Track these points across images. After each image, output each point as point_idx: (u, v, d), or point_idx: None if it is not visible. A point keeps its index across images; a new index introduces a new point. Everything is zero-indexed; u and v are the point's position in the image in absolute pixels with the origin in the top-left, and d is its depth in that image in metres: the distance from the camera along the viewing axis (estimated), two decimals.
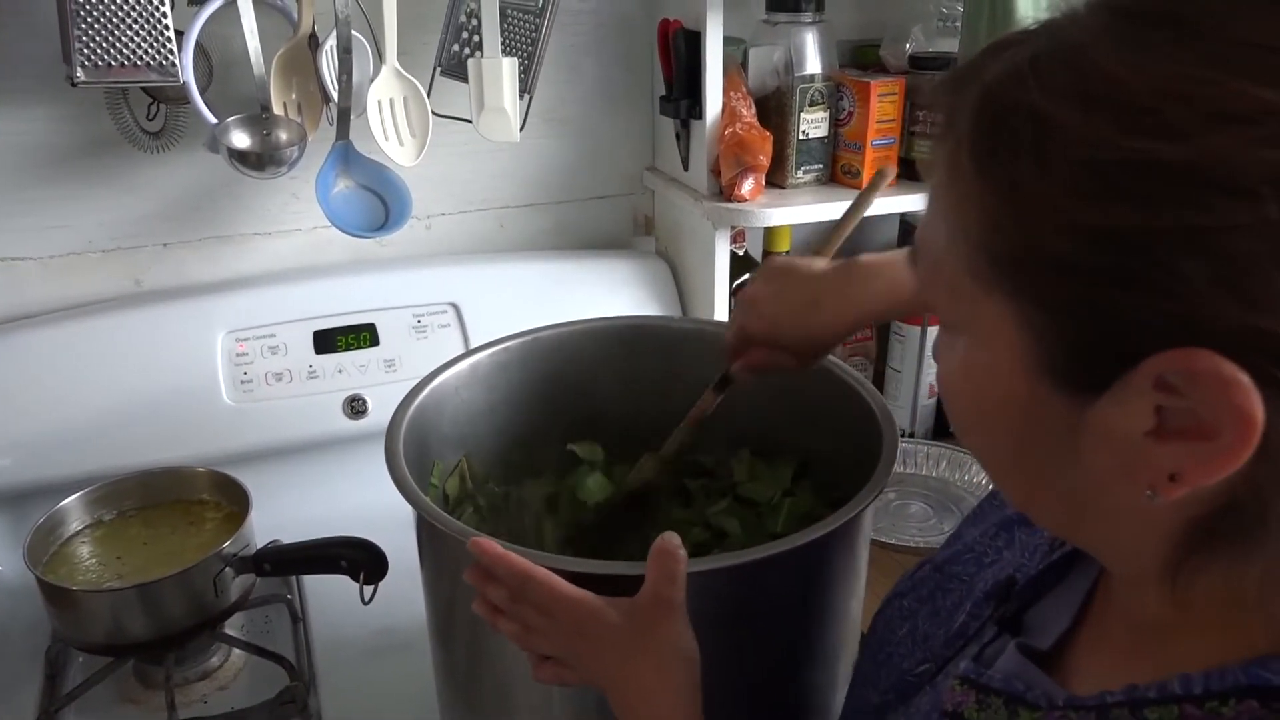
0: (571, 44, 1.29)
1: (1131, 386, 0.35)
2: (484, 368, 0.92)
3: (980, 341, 0.41)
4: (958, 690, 0.49)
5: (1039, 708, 0.45)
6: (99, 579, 0.93)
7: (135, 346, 1.14)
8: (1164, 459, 0.36)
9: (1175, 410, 0.35)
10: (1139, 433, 0.36)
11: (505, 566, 0.63)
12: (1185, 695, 0.38)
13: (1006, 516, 0.62)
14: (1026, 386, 0.39)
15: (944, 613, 0.60)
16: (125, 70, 0.97)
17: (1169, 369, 0.34)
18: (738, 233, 1.33)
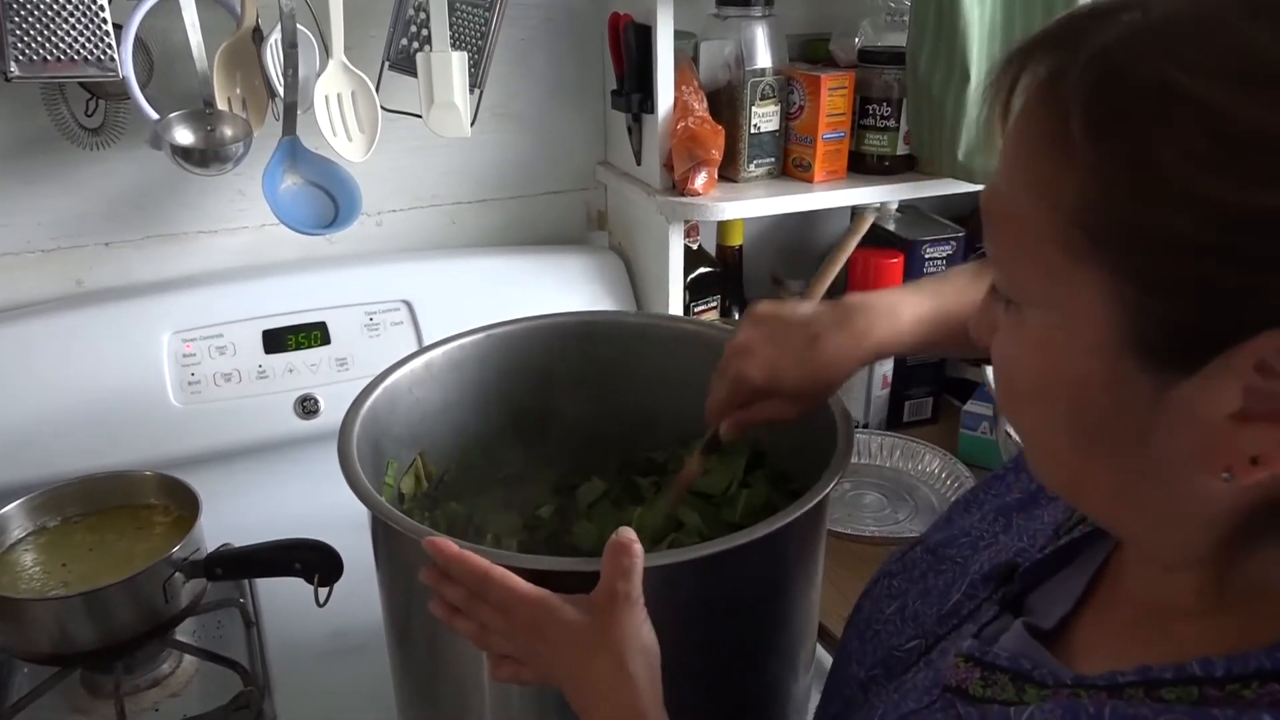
0: (521, 38, 1.29)
1: (1230, 367, 0.35)
2: (438, 365, 0.91)
3: (1059, 315, 0.40)
4: (961, 667, 0.49)
5: (1046, 685, 0.45)
6: (43, 587, 0.91)
7: (78, 348, 1.12)
8: (1247, 441, 0.36)
9: (1264, 393, 0.35)
10: (1223, 414, 0.36)
11: (462, 566, 0.62)
12: (1206, 677, 0.38)
13: (1005, 503, 0.62)
14: (1106, 363, 0.38)
15: (935, 593, 0.60)
16: (62, 65, 0.94)
17: (1275, 350, 0.34)
18: (691, 226, 1.33)
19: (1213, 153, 0.33)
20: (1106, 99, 0.36)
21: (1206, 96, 0.33)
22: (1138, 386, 0.38)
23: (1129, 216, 0.36)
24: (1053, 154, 0.38)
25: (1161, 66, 0.35)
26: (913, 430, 1.41)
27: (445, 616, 0.65)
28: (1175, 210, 0.34)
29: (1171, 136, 0.34)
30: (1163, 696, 0.39)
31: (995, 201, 0.42)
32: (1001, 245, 0.43)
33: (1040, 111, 0.39)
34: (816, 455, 0.74)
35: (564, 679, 0.63)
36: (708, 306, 1.38)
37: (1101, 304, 0.37)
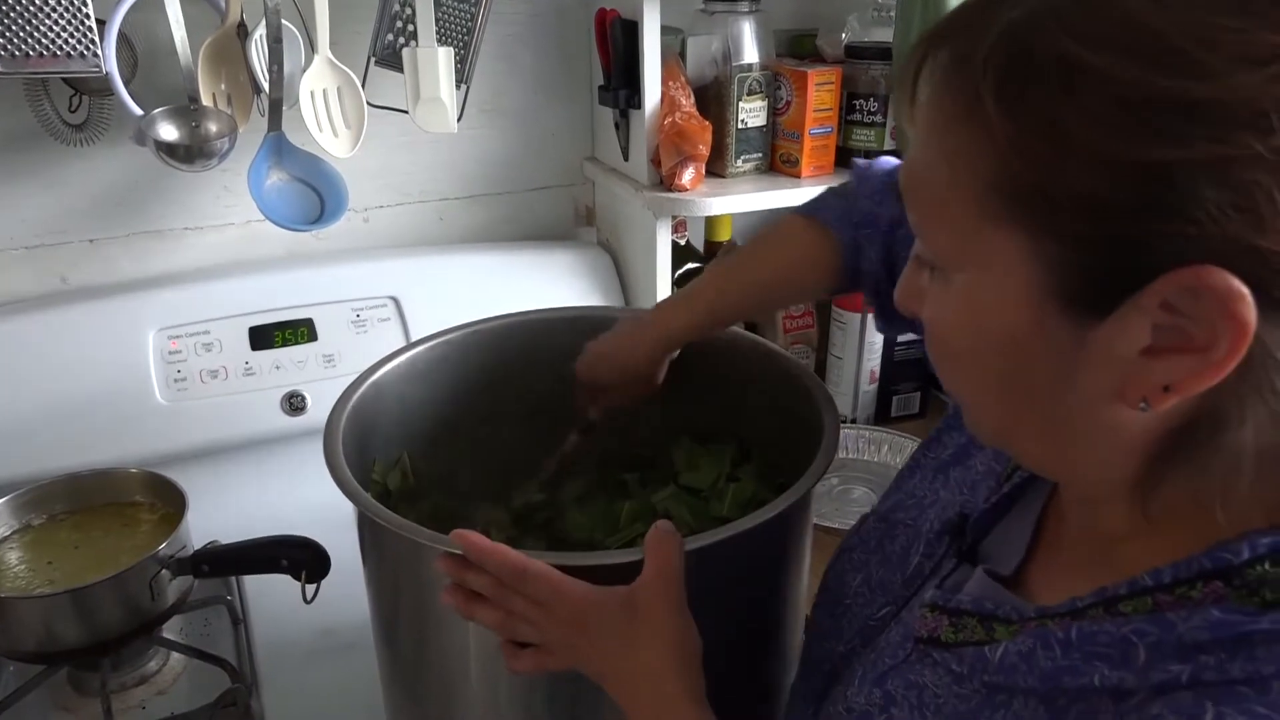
0: (508, 34, 1.28)
1: (1139, 306, 0.38)
2: (424, 361, 0.91)
3: (984, 275, 0.43)
4: (929, 617, 0.52)
5: (1013, 621, 0.48)
6: (29, 585, 0.90)
7: (63, 346, 1.11)
8: (1159, 373, 0.39)
9: (1168, 328, 0.38)
10: (1135, 350, 0.39)
11: (498, 559, 0.62)
12: (1156, 585, 0.42)
13: (941, 460, 0.65)
14: (1030, 315, 0.41)
15: (895, 558, 0.62)
16: (45, 60, 0.94)
17: (1177, 287, 0.37)
18: (679, 222, 1.33)
19: (1112, 116, 0.37)
20: (1015, 74, 0.39)
21: (1102, 66, 0.37)
22: (1060, 333, 0.41)
23: (1043, 180, 0.39)
24: (967, 128, 0.41)
25: (1062, 41, 0.38)
26: (900, 425, 1.41)
27: (462, 605, 0.65)
28: (1084, 170, 0.37)
29: (1075, 104, 0.37)
30: (1120, 610, 0.43)
31: (913, 176, 0.46)
32: (923, 216, 0.46)
33: (951, 90, 0.42)
34: (806, 449, 0.75)
35: (605, 671, 0.63)
36: None
37: (1021, 261, 0.41)
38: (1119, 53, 0.37)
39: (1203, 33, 0.36)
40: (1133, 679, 0.41)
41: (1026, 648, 0.45)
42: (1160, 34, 0.36)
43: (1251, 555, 0.40)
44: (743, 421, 0.93)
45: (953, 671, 0.49)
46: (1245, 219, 0.35)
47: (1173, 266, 0.37)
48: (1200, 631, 0.39)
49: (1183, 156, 0.35)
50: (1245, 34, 0.35)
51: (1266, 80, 0.35)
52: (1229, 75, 0.35)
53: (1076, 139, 0.37)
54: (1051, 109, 0.38)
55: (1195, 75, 0.35)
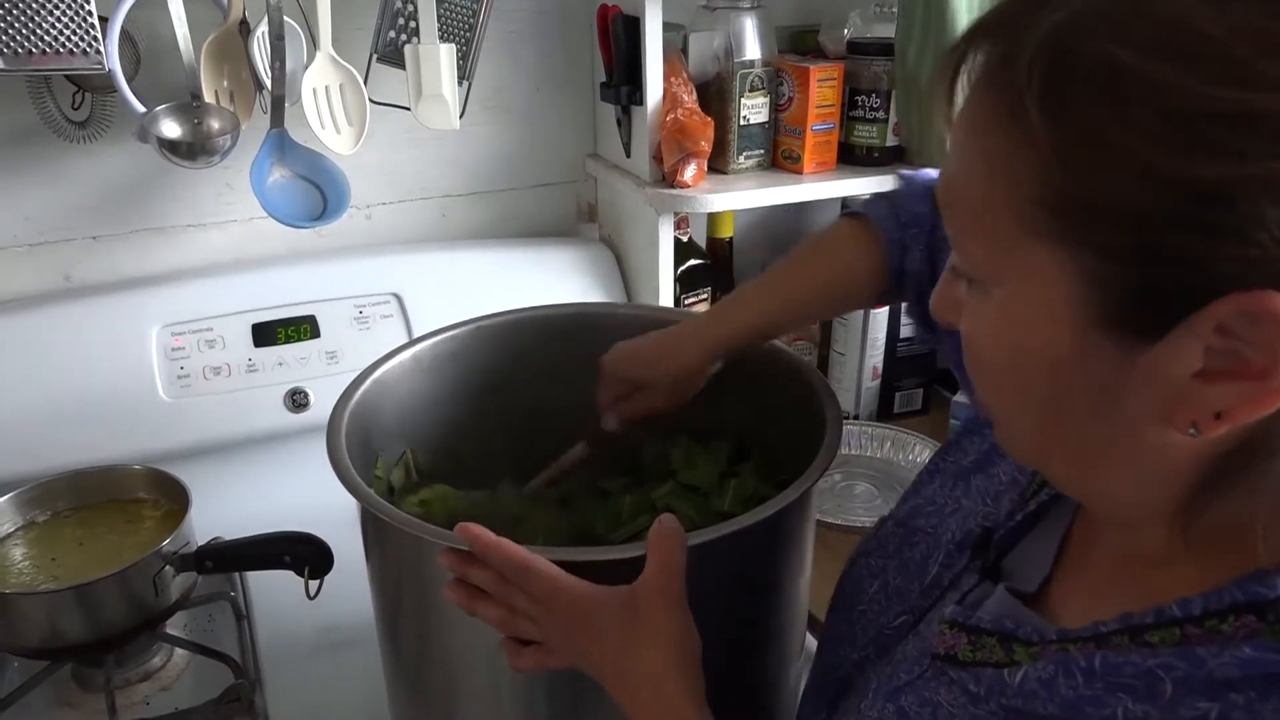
0: (510, 30, 1.28)
1: (1192, 331, 0.36)
2: (427, 358, 0.91)
3: (1024, 291, 0.41)
4: (948, 634, 0.50)
5: (1033, 643, 0.46)
6: (33, 581, 0.90)
7: (66, 343, 1.11)
8: (1212, 398, 0.37)
9: (1225, 351, 0.36)
10: (1187, 374, 0.37)
11: (501, 554, 0.62)
12: (1186, 617, 0.40)
13: (962, 467, 0.63)
14: (1073, 334, 0.39)
15: (913, 565, 0.61)
16: (47, 58, 0.94)
17: (1236, 311, 0.35)
18: (681, 218, 1.33)
19: (1163, 128, 0.34)
20: (1059, 80, 0.37)
21: (1152, 74, 0.35)
22: (1104, 354, 0.39)
23: (1088, 193, 0.37)
24: (1008, 136, 0.39)
25: (1109, 47, 0.35)
26: (903, 421, 1.41)
27: (464, 601, 0.65)
28: (1131, 185, 0.35)
29: (1123, 114, 0.35)
30: (1147, 640, 0.41)
31: (951, 185, 0.44)
32: (961, 226, 0.44)
33: (992, 95, 0.40)
34: (808, 446, 0.75)
35: (606, 668, 0.62)
36: (698, 299, 1.38)
37: (1064, 278, 0.38)
38: (1171, 60, 0.34)
39: (1263, 38, 0.33)
40: (1158, 714, 0.39)
41: (1048, 674, 0.43)
42: (1216, 40, 0.34)
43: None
44: (743, 419, 0.93)
45: (969, 692, 0.48)
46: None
47: (1230, 290, 0.35)
48: (1230, 668, 0.38)
49: (1241, 173, 0.33)
50: None
51: None
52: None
53: (1124, 152, 0.35)
54: (1098, 118, 0.36)
55: (1254, 85, 0.33)
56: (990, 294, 0.43)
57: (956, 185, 0.43)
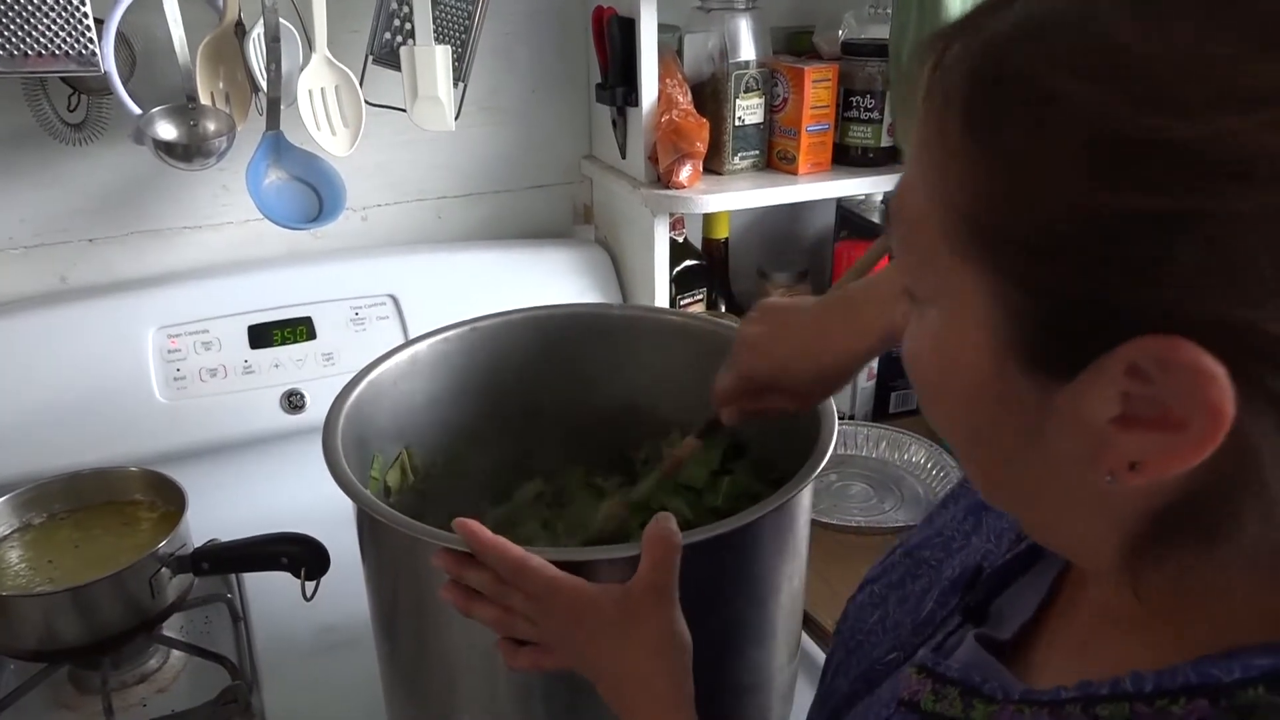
0: (505, 32, 1.29)
1: (1104, 371, 0.34)
2: (423, 359, 0.91)
3: (950, 314, 0.39)
4: (914, 679, 0.48)
5: (995, 700, 0.44)
6: (29, 584, 0.90)
7: (63, 345, 1.11)
8: (1127, 447, 0.35)
9: (1142, 398, 0.33)
10: (1104, 419, 0.35)
11: (497, 553, 0.62)
12: (1137, 693, 0.37)
13: (976, 500, 0.60)
14: (994, 364, 0.37)
15: (912, 600, 0.59)
16: (43, 60, 0.94)
17: (1145, 355, 0.32)
18: (676, 219, 1.33)
19: (1082, 154, 0.32)
20: (985, 98, 0.35)
21: (1077, 97, 0.32)
22: (1024, 388, 0.37)
23: (1008, 218, 0.35)
24: (941, 150, 0.37)
25: (1037, 65, 0.34)
26: (899, 421, 1.41)
27: (460, 602, 0.65)
28: (1051, 213, 0.33)
29: (1044, 139, 0.33)
30: (1098, 714, 0.38)
31: (898, 194, 0.41)
32: (901, 240, 0.42)
33: (930, 105, 0.38)
34: (801, 445, 0.75)
35: (598, 668, 0.62)
36: (694, 299, 1.39)
37: (984, 303, 0.36)
38: (1096, 81, 0.32)
39: (1192, 62, 0.31)
40: None
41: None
42: (1143, 61, 0.31)
43: (1243, 676, 0.35)
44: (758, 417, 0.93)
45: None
46: (1226, 287, 0.31)
47: (1140, 332, 0.32)
48: None
49: (1156, 206, 0.31)
50: (1242, 63, 0.30)
51: (1261, 125, 0.30)
52: (1217, 115, 0.30)
53: (1042, 177, 0.33)
54: (1018, 141, 0.34)
55: (1177, 113, 0.30)
56: (925, 313, 0.41)
57: (902, 194, 0.41)
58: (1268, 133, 0.30)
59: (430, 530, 0.66)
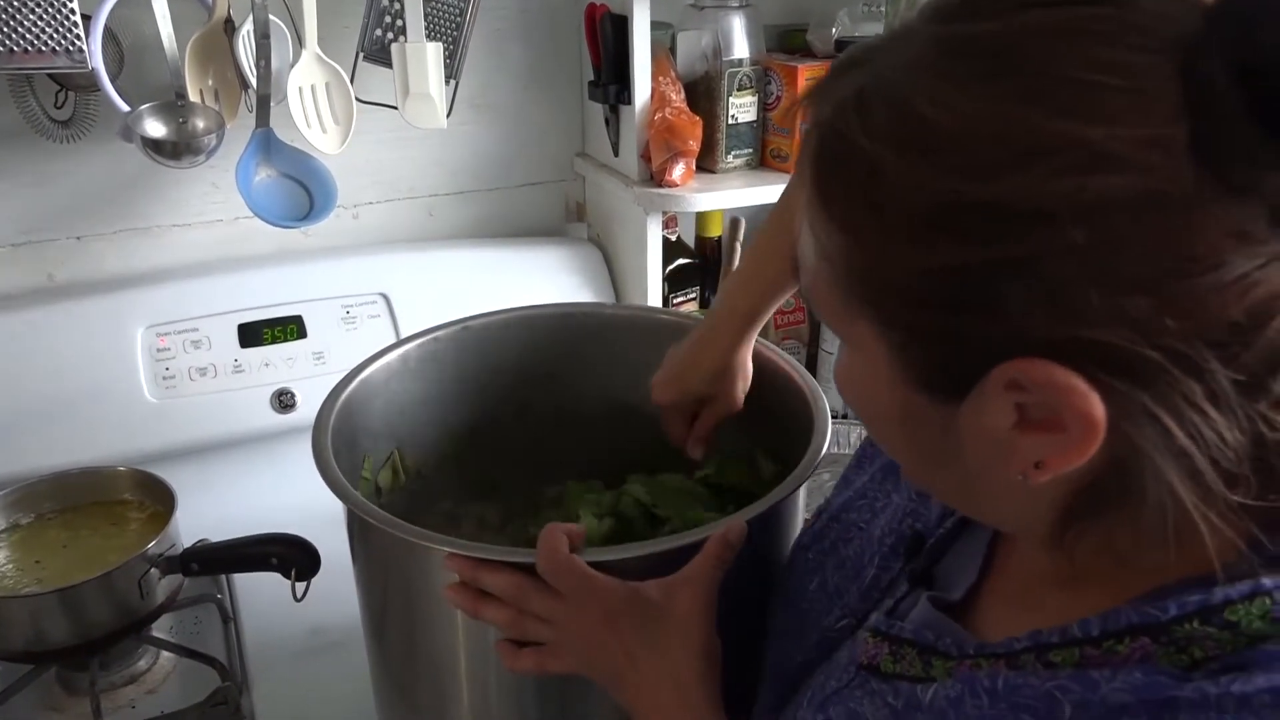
0: (497, 29, 1.28)
1: (986, 393, 0.38)
2: (415, 358, 0.91)
3: (856, 352, 0.43)
4: (870, 643, 0.51)
5: (951, 656, 0.47)
6: (16, 584, 0.90)
7: (50, 343, 1.11)
8: (1029, 449, 0.39)
9: (1034, 404, 0.37)
10: (1005, 426, 0.39)
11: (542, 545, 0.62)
12: (1085, 638, 0.41)
13: (889, 460, 0.64)
14: (898, 393, 0.42)
15: (850, 564, 0.61)
16: (29, 56, 0.93)
17: (1019, 377, 0.36)
18: (669, 218, 1.33)
19: (909, 220, 0.37)
20: (827, 169, 0.40)
21: (894, 170, 0.37)
22: (929, 410, 0.41)
23: (866, 273, 0.39)
24: (810, 214, 0.41)
25: (859, 140, 0.38)
26: None
27: (469, 604, 0.64)
28: (894, 270, 0.38)
29: (876, 209, 0.38)
30: (1050, 660, 0.42)
31: (799, 247, 0.45)
32: (803, 283, 0.45)
33: (800, 172, 0.42)
34: (794, 445, 0.75)
35: (624, 672, 0.62)
36: (687, 298, 1.38)
37: (876, 345, 0.41)
38: (903, 151, 0.36)
39: (983, 125, 0.35)
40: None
41: (955, 693, 0.44)
42: (941, 131, 0.36)
43: (1179, 612, 0.39)
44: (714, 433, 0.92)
45: (889, 704, 0.48)
46: (1059, 311, 0.35)
47: (1005, 357, 0.36)
48: (1123, 693, 0.38)
49: (980, 258, 0.35)
50: (1027, 122, 0.34)
51: (1049, 174, 0.34)
52: (1007, 173, 0.34)
53: (882, 240, 0.38)
54: (857, 211, 0.38)
55: (978, 176, 0.35)
56: (845, 350, 0.45)
57: (801, 248, 0.45)
58: (1058, 179, 0.34)
59: (420, 532, 0.65)
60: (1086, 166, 0.33)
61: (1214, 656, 0.38)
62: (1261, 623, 0.38)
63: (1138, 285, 0.34)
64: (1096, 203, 0.33)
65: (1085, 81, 0.34)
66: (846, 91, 0.39)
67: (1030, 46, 0.36)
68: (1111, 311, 0.34)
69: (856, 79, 0.39)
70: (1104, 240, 0.34)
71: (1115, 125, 0.33)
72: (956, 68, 0.37)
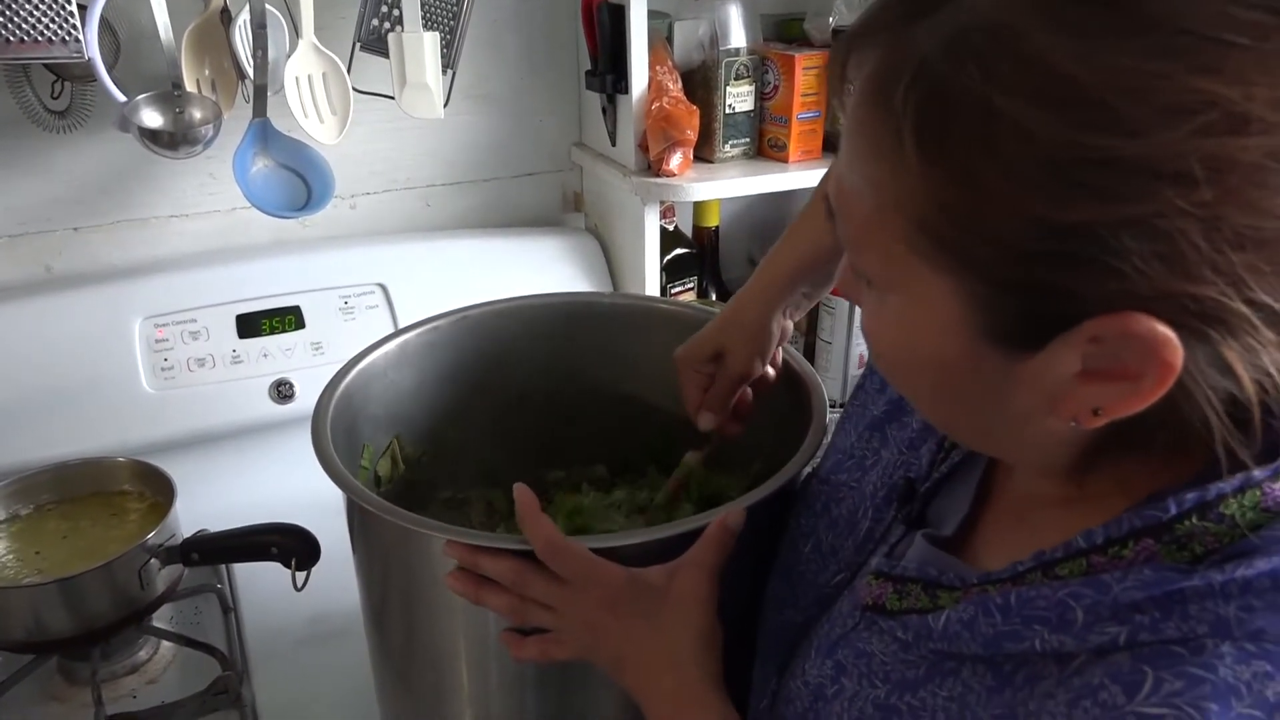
0: (494, 18, 1.28)
1: (1069, 343, 0.38)
2: (413, 348, 0.91)
3: (912, 301, 0.43)
4: (874, 585, 0.52)
5: (956, 587, 0.48)
6: (17, 575, 0.90)
7: (48, 335, 1.11)
8: (1089, 396, 0.40)
9: (1102, 356, 0.38)
10: (1068, 375, 0.39)
11: (542, 530, 0.62)
12: (1090, 547, 0.43)
13: (874, 417, 0.65)
14: (961, 343, 0.42)
15: (843, 522, 0.62)
16: (25, 46, 0.93)
17: (1105, 331, 0.37)
18: (667, 207, 1.33)
19: (1034, 174, 0.36)
20: (933, 119, 0.38)
21: (1021, 120, 0.36)
22: (991, 361, 0.42)
23: (965, 228, 0.39)
24: (890, 162, 0.40)
25: (980, 87, 0.37)
26: None
27: (471, 590, 0.64)
28: (1006, 224, 0.37)
29: (995, 159, 0.37)
30: (1058, 574, 0.44)
31: (841, 193, 0.44)
32: (852, 236, 0.45)
33: (874, 114, 0.41)
34: (792, 432, 0.75)
35: (626, 655, 0.62)
36: (684, 288, 1.38)
37: (949, 296, 0.41)
38: (1038, 104, 0.36)
39: (1125, 81, 0.34)
40: (1072, 641, 0.41)
41: (968, 615, 0.45)
42: (1080, 84, 0.35)
43: (1179, 510, 0.41)
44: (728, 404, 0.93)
45: (899, 639, 0.50)
46: (1171, 268, 0.35)
47: (1099, 313, 0.37)
48: (1134, 591, 0.40)
49: (1105, 215, 0.35)
50: (1170, 80, 0.34)
51: (1191, 134, 0.34)
52: (1152, 131, 0.34)
53: (996, 193, 0.37)
54: (970, 161, 0.37)
55: (1117, 132, 0.34)
56: (885, 298, 0.45)
57: (847, 195, 0.44)
58: (1198, 139, 0.34)
59: (420, 520, 0.65)
60: (1225, 126, 0.34)
61: (1213, 550, 0.40)
62: (1254, 513, 0.40)
63: (1243, 242, 0.35)
64: (1228, 163, 0.34)
65: (1220, 40, 0.34)
66: (944, 34, 0.38)
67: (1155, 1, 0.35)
68: (1215, 266, 0.35)
69: (946, 22, 0.38)
70: (1226, 198, 0.34)
71: (1248, 85, 0.34)
72: (1079, 16, 0.36)
